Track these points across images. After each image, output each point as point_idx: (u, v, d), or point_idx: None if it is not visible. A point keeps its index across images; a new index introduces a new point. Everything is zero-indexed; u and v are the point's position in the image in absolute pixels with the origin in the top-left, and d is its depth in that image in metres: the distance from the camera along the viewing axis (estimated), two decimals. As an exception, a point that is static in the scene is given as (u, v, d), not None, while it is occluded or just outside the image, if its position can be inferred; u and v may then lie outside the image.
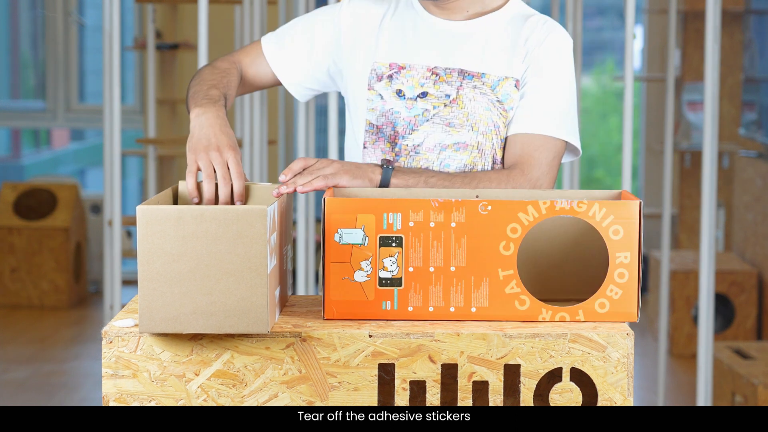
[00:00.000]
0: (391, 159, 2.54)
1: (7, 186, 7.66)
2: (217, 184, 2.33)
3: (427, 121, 2.51)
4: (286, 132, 7.47)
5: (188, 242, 1.95)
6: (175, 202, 2.31)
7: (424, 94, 2.51)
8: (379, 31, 2.58)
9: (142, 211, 1.96)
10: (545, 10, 5.37)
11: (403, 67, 2.54)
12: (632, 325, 2.16)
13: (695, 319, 6.44)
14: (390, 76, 2.54)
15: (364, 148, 2.55)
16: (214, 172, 2.33)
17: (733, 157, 7.23)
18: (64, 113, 8.52)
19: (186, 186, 2.33)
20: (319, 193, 6.74)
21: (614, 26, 11.14)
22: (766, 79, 6.84)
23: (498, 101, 2.50)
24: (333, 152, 3.96)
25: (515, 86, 2.50)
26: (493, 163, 2.53)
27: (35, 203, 7.57)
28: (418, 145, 2.52)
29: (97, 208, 8.10)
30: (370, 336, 1.99)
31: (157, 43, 7.11)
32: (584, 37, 5.36)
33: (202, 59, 4.10)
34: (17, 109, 9.43)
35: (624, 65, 3.95)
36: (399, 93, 2.53)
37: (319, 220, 7.56)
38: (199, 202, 2.30)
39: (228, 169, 2.33)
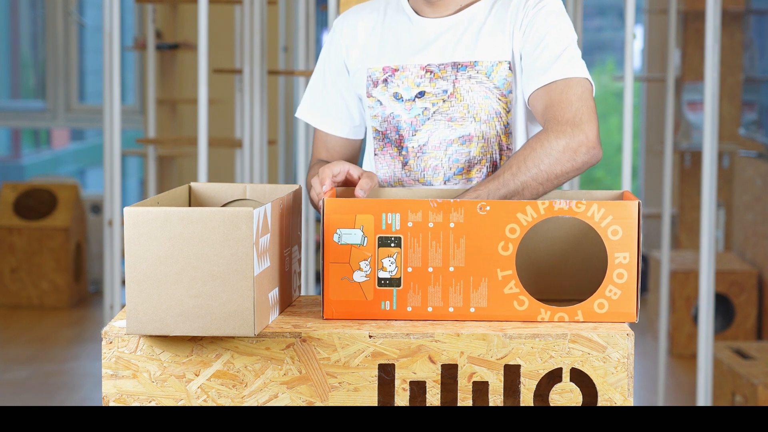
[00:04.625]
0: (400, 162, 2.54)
1: (7, 186, 7.66)
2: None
3: (428, 119, 2.50)
4: (286, 132, 7.46)
5: (175, 244, 1.94)
6: (190, 201, 2.30)
7: (421, 94, 2.50)
8: (371, 39, 2.57)
9: (129, 212, 1.94)
10: (545, 10, 5.36)
11: (396, 69, 2.52)
12: (632, 325, 2.16)
13: (695, 319, 6.44)
14: (385, 80, 2.52)
15: (375, 155, 2.55)
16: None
17: (733, 157, 7.23)
18: (64, 113, 8.52)
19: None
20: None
21: (614, 26, 11.14)
22: (766, 79, 6.84)
23: (495, 87, 2.47)
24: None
25: (509, 69, 2.47)
26: (500, 149, 2.51)
27: (35, 203, 7.57)
28: (424, 145, 2.51)
29: (97, 208, 8.10)
30: (370, 336, 1.99)
31: (157, 43, 7.11)
32: (584, 37, 5.36)
33: (202, 59, 4.10)
34: (17, 109, 9.43)
35: (624, 65, 3.95)
36: (396, 96, 2.51)
37: (319, 220, 7.55)
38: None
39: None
